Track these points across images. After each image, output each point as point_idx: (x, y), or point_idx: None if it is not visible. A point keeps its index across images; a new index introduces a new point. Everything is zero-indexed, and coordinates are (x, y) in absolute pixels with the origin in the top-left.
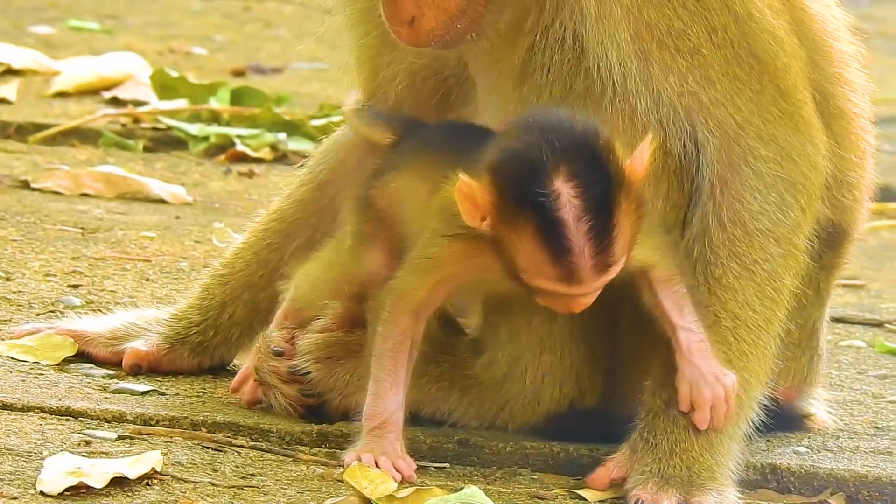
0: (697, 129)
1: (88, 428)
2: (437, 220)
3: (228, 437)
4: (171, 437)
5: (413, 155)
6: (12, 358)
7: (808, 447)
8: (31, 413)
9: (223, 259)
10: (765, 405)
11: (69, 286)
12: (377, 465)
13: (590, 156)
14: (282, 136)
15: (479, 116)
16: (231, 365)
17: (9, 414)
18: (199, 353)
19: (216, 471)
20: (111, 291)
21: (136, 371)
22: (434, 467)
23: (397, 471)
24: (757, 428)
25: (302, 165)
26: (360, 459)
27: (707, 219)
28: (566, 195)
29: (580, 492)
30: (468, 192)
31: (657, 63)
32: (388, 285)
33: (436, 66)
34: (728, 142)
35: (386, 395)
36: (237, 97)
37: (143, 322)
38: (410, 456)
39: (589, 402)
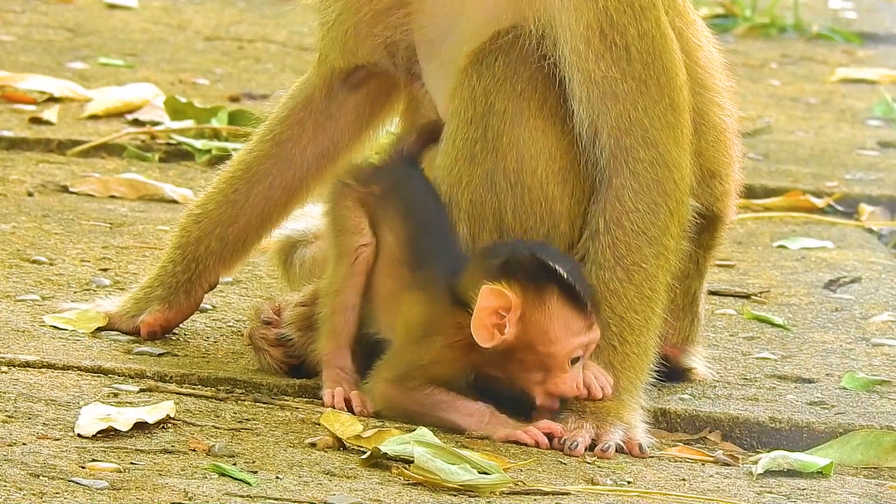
0: (601, 115)
1: (116, 383)
2: (418, 332)
3: (228, 389)
4: (181, 390)
5: (387, 201)
6: (56, 327)
7: (691, 395)
8: (70, 371)
9: (196, 203)
10: (656, 363)
11: (100, 270)
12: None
13: (550, 247)
14: None
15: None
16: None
17: (52, 372)
18: (189, 290)
19: (218, 417)
20: (134, 273)
21: (154, 337)
22: None
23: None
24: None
25: (259, 124)
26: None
27: (595, 219)
28: (562, 266)
29: None
30: (498, 297)
31: (594, 48)
32: (385, 382)
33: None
34: (618, 135)
35: None
36: (234, 118)
37: (144, 294)
38: None
39: None
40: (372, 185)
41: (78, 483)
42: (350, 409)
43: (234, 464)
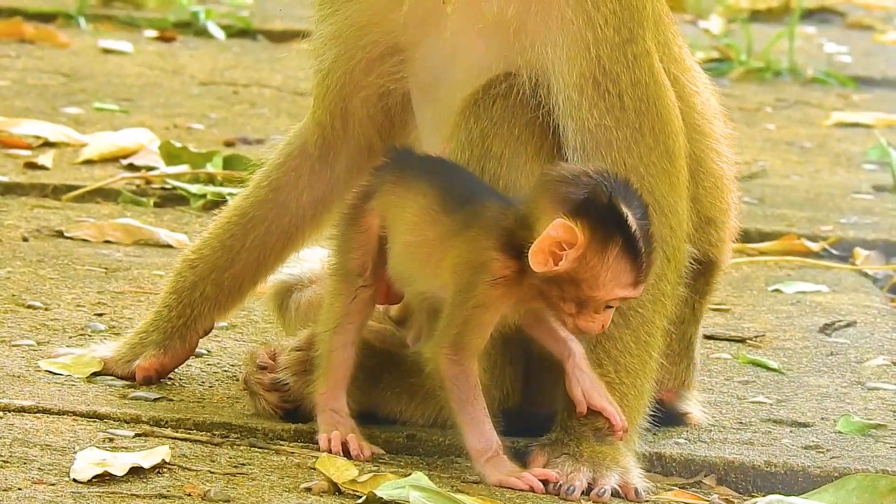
0: (600, 161)
1: (111, 428)
2: (465, 273)
3: (223, 434)
4: (177, 435)
5: (404, 181)
6: (51, 372)
7: (686, 439)
8: (65, 416)
9: (191, 248)
10: (651, 407)
11: (95, 315)
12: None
13: (630, 189)
14: None
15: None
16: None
17: (47, 417)
18: (184, 335)
19: (214, 461)
20: (129, 318)
21: (149, 382)
22: (388, 457)
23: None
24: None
25: (255, 170)
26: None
27: None
28: (634, 216)
29: None
30: (567, 232)
31: (588, 97)
32: (443, 346)
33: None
34: None
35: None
36: (229, 163)
37: (140, 339)
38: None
39: (512, 403)
40: (385, 177)
41: None
42: (346, 453)
43: None
